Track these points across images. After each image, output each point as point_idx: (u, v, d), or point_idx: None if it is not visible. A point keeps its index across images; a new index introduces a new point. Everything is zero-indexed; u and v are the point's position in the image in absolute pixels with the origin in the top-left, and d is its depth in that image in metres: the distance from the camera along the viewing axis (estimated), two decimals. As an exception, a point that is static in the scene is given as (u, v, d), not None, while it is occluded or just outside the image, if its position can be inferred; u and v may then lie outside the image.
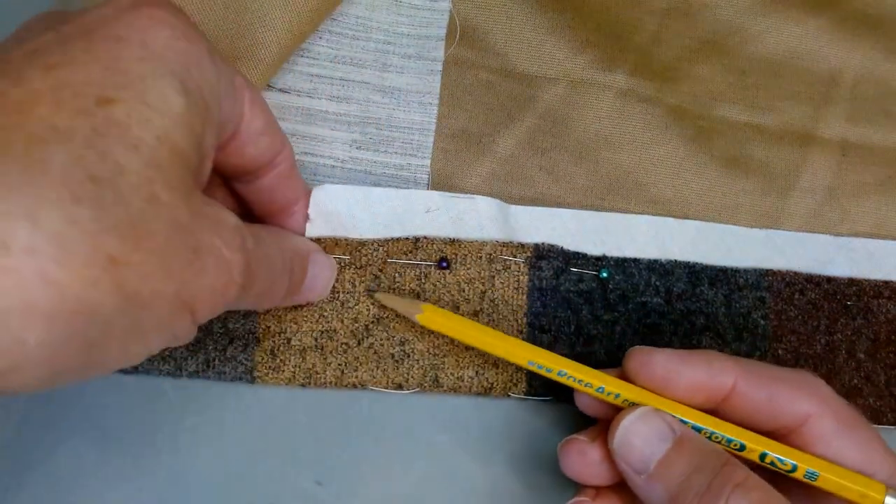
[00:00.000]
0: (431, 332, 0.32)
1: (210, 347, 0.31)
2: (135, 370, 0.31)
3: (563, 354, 0.32)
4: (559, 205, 0.35)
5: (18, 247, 0.18)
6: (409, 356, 0.32)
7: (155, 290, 0.20)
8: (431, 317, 0.30)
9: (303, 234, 0.31)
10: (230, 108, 0.25)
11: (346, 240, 0.32)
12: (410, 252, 0.32)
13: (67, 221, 0.18)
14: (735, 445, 0.27)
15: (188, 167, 0.22)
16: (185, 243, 0.21)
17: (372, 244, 0.32)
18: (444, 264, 0.32)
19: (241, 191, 0.29)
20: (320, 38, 0.34)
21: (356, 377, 0.32)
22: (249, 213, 0.31)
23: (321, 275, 0.31)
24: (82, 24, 0.22)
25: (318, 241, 0.32)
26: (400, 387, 0.32)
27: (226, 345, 0.31)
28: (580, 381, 0.29)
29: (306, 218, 0.31)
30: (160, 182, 0.20)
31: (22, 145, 0.19)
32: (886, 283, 0.36)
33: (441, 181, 0.35)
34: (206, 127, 0.23)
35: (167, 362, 0.31)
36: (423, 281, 0.32)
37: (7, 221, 0.18)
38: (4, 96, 0.19)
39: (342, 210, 0.32)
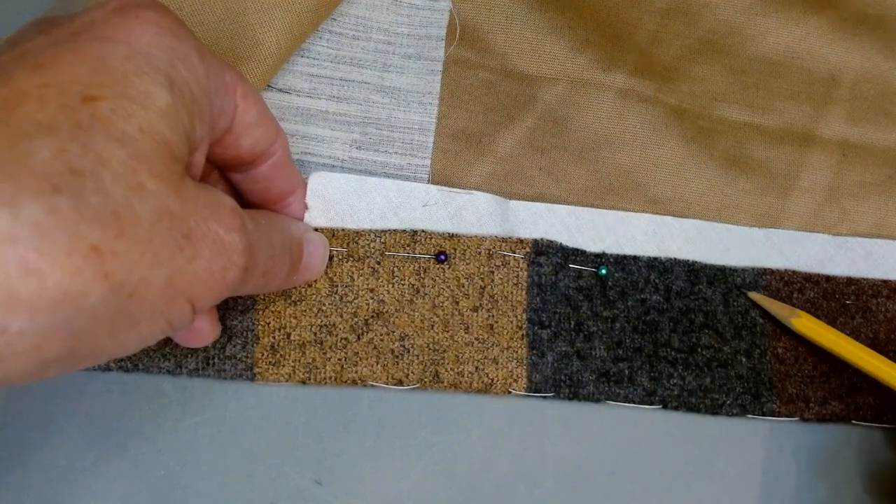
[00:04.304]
0: (804, 338, 0.34)
1: (209, 345, 0.31)
2: (134, 368, 0.31)
3: (562, 351, 0.33)
4: (559, 204, 0.35)
5: None
6: (408, 351, 0.32)
7: (143, 279, 0.20)
8: (808, 323, 0.33)
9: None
10: (222, 103, 0.25)
11: (343, 230, 0.32)
12: (408, 245, 0.32)
13: (47, 211, 0.19)
14: None
15: (176, 157, 0.22)
16: (174, 229, 0.21)
17: (369, 235, 0.32)
18: (443, 257, 0.32)
19: (238, 181, 0.30)
20: (320, 38, 0.34)
21: (356, 372, 0.32)
22: (247, 204, 0.31)
23: (316, 252, 0.31)
24: (71, 27, 0.22)
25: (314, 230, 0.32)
26: (400, 382, 0.32)
27: (225, 342, 0.31)
28: None
29: (303, 207, 0.32)
30: (145, 171, 0.21)
31: (5, 140, 0.19)
32: (885, 282, 0.36)
33: (441, 181, 0.35)
34: (196, 119, 0.23)
35: (167, 360, 0.31)
36: (422, 275, 0.32)
37: None
38: None
39: (339, 199, 0.32)
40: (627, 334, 0.33)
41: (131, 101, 0.21)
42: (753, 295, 0.34)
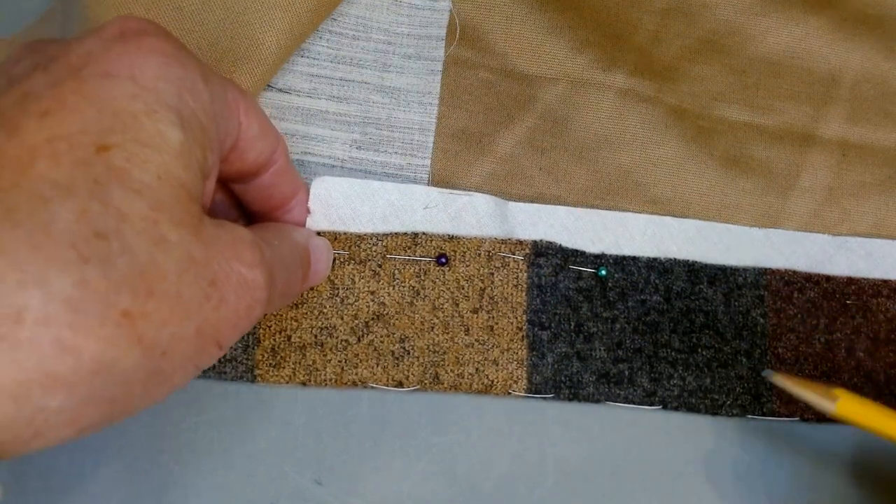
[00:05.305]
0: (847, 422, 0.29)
1: None
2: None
3: (562, 352, 0.33)
4: (559, 205, 0.35)
5: (32, 318, 0.18)
6: (409, 353, 0.32)
7: (174, 334, 0.20)
8: (850, 406, 0.28)
9: (302, 227, 0.31)
10: (226, 125, 0.25)
11: (345, 234, 0.32)
12: (409, 248, 0.32)
13: (77, 283, 0.18)
14: None
15: (193, 197, 0.22)
16: (201, 278, 0.21)
17: (371, 238, 0.32)
18: (443, 260, 0.32)
19: (240, 192, 0.30)
20: (320, 38, 0.34)
21: (356, 374, 0.32)
22: (250, 212, 0.31)
23: (321, 258, 0.31)
24: (69, 61, 0.22)
25: (317, 234, 0.32)
26: (400, 384, 0.32)
27: (226, 344, 0.31)
28: None
29: (306, 212, 0.32)
30: (166, 221, 0.20)
31: (25, 207, 0.18)
32: (885, 281, 0.36)
33: (441, 181, 0.35)
34: (206, 150, 0.23)
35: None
36: (422, 277, 0.32)
37: (19, 291, 0.18)
38: (2, 154, 0.19)
39: (341, 203, 0.32)
40: (627, 335, 0.33)
41: (145, 146, 0.21)
42: (778, 378, 0.30)
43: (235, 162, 0.27)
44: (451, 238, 0.33)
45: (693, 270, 0.35)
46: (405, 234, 0.32)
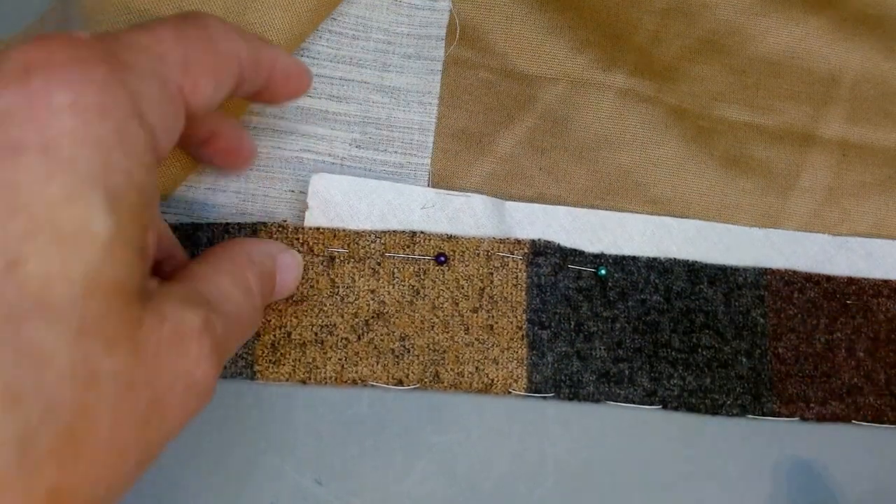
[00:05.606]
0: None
1: None
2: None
3: (562, 351, 0.33)
4: (559, 205, 0.35)
5: None
6: (409, 351, 0.32)
7: (110, 485, 0.17)
8: None
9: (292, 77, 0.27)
10: (172, 131, 0.21)
11: (343, 231, 0.32)
12: (408, 247, 0.32)
13: None
14: None
15: (130, 295, 0.18)
16: (140, 403, 0.18)
17: (369, 236, 0.32)
18: (442, 259, 0.32)
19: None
20: (320, 38, 0.34)
21: (356, 372, 0.32)
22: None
23: (288, 277, 0.29)
24: None
25: (316, 230, 0.32)
26: (400, 382, 0.32)
27: (225, 341, 0.31)
28: None
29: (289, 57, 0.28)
30: (98, 349, 0.17)
31: None
32: (886, 281, 0.36)
33: (441, 180, 0.35)
34: (143, 209, 0.19)
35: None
36: (422, 276, 0.32)
37: None
38: None
39: (339, 200, 0.32)
40: (627, 335, 0.33)
41: (66, 246, 0.16)
42: None
43: (201, 127, 0.24)
44: (450, 238, 0.33)
45: (693, 270, 0.35)
46: (403, 232, 0.32)
